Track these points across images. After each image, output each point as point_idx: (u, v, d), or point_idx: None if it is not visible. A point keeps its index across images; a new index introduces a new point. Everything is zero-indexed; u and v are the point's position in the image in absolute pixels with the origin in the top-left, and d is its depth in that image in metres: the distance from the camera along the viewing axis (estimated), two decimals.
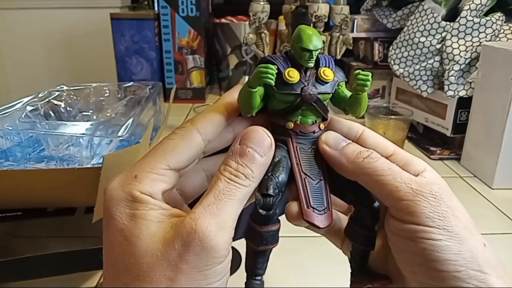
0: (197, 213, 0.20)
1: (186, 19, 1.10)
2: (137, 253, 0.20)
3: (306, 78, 0.24)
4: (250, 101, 0.24)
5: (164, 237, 0.20)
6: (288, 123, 0.24)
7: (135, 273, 0.20)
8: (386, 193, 0.22)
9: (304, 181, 0.24)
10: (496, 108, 0.65)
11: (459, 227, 0.21)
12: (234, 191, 0.21)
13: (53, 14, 1.43)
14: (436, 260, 0.20)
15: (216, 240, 0.20)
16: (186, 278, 0.19)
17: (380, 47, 0.97)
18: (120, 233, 0.20)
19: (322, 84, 0.24)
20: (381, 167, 0.22)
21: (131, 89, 0.71)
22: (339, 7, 0.72)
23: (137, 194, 0.21)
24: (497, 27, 0.76)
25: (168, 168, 0.22)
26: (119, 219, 0.21)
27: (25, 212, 0.41)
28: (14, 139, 0.51)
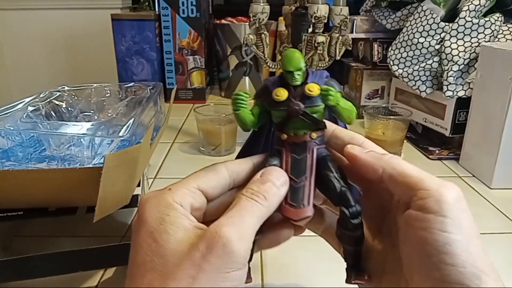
0: (221, 221, 0.23)
1: (186, 20, 1.10)
2: (165, 254, 0.22)
3: (295, 94, 0.27)
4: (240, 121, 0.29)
5: (189, 242, 0.22)
6: (283, 135, 0.28)
7: (160, 271, 0.21)
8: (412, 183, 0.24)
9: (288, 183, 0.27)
10: (495, 108, 0.65)
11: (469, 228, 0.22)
12: (254, 207, 0.24)
13: (54, 15, 1.43)
14: (446, 253, 0.21)
15: (237, 246, 0.22)
16: (207, 278, 0.21)
17: (379, 47, 0.97)
18: (150, 236, 0.23)
19: (309, 98, 0.27)
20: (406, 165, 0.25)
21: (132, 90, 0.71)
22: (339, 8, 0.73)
23: (170, 201, 0.24)
24: (496, 27, 0.76)
25: (197, 188, 0.26)
26: (150, 223, 0.23)
27: (26, 212, 0.41)
28: (15, 139, 0.51)
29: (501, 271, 0.23)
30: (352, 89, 1.06)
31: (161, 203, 0.24)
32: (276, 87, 0.28)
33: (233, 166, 0.28)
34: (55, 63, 1.49)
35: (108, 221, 0.39)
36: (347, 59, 1.09)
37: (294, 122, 0.28)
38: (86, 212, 0.41)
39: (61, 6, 1.42)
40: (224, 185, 0.27)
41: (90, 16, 1.42)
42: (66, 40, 1.47)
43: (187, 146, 0.83)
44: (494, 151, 0.65)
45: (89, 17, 1.42)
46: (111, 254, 0.39)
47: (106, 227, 0.50)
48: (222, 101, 1.20)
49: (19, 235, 0.52)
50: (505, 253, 0.50)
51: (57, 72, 1.49)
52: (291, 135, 0.28)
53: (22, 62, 1.48)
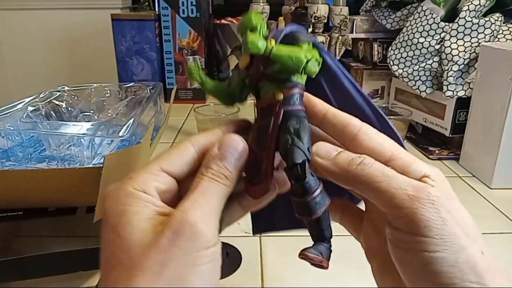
0: (186, 206, 0.22)
1: (186, 20, 1.10)
2: (129, 246, 0.21)
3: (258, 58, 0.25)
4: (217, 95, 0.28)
5: (154, 230, 0.21)
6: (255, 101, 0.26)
7: (126, 264, 0.21)
8: (383, 201, 0.22)
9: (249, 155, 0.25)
10: (495, 108, 0.65)
11: (458, 234, 0.20)
12: (217, 188, 0.23)
13: (54, 15, 1.43)
14: (432, 273, 0.20)
15: (204, 226, 0.21)
16: (176, 263, 0.20)
17: (379, 47, 0.97)
18: (112, 230, 0.22)
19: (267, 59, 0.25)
20: (375, 173, 0.22)
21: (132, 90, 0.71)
22: (339, 8, 0.73)
23: (131, 190, 0.23)
24: (496, 27, 0.76)
25: (160, 170, 0.24)
26: (111, 216, 0.22)
27: (26, 212, 0.41)
28: (15, 139, 0.51)
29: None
30: None
31: (121, 194, 0.23)
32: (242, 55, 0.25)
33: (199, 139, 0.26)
34: (55, 63, 1.49)
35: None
36: (347, 59, 1.09)
37: (263, 86, 0.25)
38: (86, 212, 0.41)
39: (61, 6, 1.42)
40: (191, 161, 0.25)
41: (90, 16, 1.42)
42: (66, 40, 1.47)
43: None
44: (494, 151, 0.65)
45: (89, 17, 1.42)
46: None
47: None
48: None
49: (19, 235, 0.52)
50: (505, 253, 0.50)
51: (57, 72, 1.49)
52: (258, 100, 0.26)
53: (22, 62, 1.48)
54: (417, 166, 0.23)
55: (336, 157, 0.23)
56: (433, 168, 0.23)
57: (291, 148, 0.23)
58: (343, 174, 0.23)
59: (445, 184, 0.22)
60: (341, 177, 0.23)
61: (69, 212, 0.41)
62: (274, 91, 0.25)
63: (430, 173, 0.22)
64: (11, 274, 0.38)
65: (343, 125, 0.24)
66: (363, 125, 0.24)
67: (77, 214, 0.41)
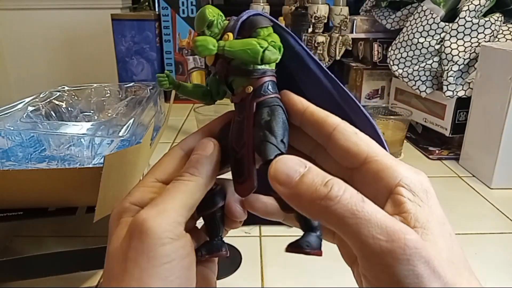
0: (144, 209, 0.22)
1: (186, 20, 1.10)
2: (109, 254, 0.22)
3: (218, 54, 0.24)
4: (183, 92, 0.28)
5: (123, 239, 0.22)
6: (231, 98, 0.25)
7: (106, 271, 0.22)
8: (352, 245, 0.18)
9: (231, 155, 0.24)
10: (495, 108, 0.65)
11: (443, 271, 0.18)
12: (178, 186, 0.23)
13: (54, 15, 1.43)
14: None
15: (154, 222, 0.21)
16: (132, 263, 0.20)
17: (379, 47, 0.97)
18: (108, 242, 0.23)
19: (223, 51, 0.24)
20: (342, 212, 0.18)
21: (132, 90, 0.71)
22: (339, 8, 0.73)
23: (126, 205, 0.23)
24: (496, 27, 0.76)
25: (155, 181, 0.25)
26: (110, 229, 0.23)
27: (26, 212, 0.41)
28: (15, 139, 0.51)
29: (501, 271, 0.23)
30: (352, 89, 1.07)
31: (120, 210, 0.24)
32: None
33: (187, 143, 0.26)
34: (55, 63, 1.49)
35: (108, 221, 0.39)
36: (347, 59, 1.09)
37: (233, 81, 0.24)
38: (86, 212, 0.41)
39: (61, 6, 1.42)
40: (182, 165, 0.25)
41: (90, 16, 1.42)
42: (66, 40, 1.47)
43: None
44: (494, 151, 0.65)
45: (89, 17, 1.42)
46: None
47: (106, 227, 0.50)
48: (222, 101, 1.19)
49: (19, 235, 0.52)
50: (505, 253, 0.50)
51: (57, 72, 1.49)
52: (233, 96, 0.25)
53: (22, 62, 1.48)
54: (393, 171, 0.20)
55: (298, 184, 0.19)
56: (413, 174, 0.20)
57: (263, 144, 0.22)
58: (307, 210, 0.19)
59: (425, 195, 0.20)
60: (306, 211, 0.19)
61: (69, 212, 0.41)
62: (243, 84, 0.24)
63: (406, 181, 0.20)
64: (11, 274, 0.38)
65: (320, 123, 0.23)
66: (340, 123, 0.22)
67: (77, 214, 0.41)
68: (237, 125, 0.24)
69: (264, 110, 0.23)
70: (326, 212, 0.18)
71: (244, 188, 0.23)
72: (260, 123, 0.22)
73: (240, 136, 0.23)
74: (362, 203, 0.18)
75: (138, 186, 0.25)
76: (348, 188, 0.18)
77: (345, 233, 0.18)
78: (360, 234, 0.17)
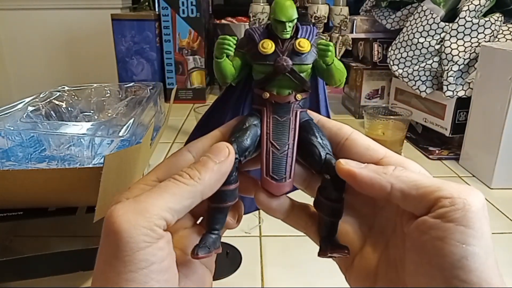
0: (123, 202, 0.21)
1: (186, 20, 1.10)
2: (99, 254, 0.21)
3: (282, 49, 0.24)
4: (220, 71, 0.25)
5: None
6: (264, 93, 0.25)
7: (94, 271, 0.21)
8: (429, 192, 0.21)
9: (268, 150, 0.25)
10: (495, 108, 0.65)
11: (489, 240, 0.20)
12: (169, 186, 0.21)
13: (54, 15, 1.43)
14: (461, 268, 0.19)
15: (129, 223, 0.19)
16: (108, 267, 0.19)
17: (379, 47, 0.97)
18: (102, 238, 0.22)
19: (298, 55, 0.24)
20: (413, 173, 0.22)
21: (132, 90, 0.71)
22: (339, 8, 0.73)
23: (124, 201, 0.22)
24: (496, 27, 0.76)
25: (157, 180, 0.23)
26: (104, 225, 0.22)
27: (26, 212, 0.41)
28: (15, 139, 0.51)
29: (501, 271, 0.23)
30: (352, 89, 1.07)
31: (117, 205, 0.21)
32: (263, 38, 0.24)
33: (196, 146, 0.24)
34: (55, 63, 1.49)
35: None
36: (347, 59, 1.09)
37: (280, 80, 0.25)
38: (86, 212, 0.41)
39: (61, 6, 1.42)
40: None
41: (90, 16, 1.42)
42: (66, 40, 1.47)
43: None
44: (494, 151, 0.65)
45: (89, 17, 1.42)
46: None
47: None
48: None
49: (19, 235, 0.52)
50: (505, 253, 0.50)
51: (57, 72, 1.49)
52: (274, 94, 0.25)
53: (22, 62, 1.48)
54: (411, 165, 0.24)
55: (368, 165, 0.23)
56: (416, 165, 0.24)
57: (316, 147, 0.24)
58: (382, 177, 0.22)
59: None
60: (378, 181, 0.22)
61: (69, 212, 0.41)
62: (292, 90, 0.25)
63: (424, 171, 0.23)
64: (10, 274, 0.38)
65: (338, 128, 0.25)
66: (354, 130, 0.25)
67: (77, 214, 0.41)
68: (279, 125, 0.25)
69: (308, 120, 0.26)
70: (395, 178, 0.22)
71: (280, 187, 0.24)
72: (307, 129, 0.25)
73: (283, 135, 0.25)
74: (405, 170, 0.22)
75: (138, 182, 0.23)
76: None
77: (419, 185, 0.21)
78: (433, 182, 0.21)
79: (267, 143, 0.25)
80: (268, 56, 0.24)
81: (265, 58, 0.24)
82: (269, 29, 0.25)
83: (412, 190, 0.21)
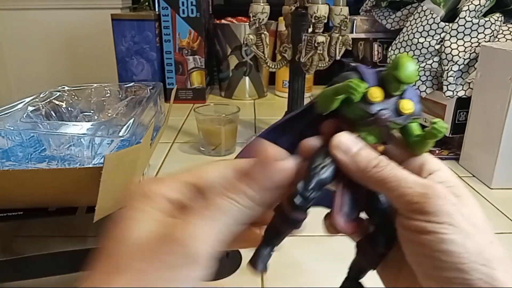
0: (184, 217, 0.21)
1: (186, 20, 1.10)
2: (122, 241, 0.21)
3: (387, 102, 0.24)
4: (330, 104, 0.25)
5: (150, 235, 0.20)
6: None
7: (113, 260, 0.20)
8: (394, 198, 0.23)
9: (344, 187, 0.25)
10: (495, 108, 0.65)
11: (465, 224, 0.21)
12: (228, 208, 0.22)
13: (54, 15, 1.43)
14: (441, 251, 0.21)
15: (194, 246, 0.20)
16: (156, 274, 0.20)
17: (379, 47, 0.97)
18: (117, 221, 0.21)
19: (399, 114, 0.24)
20: (386, 175, 0.23)
21: (132, 90, 0.71)
22: (339, 8, 0.73)
23: (149, 189, 0.22)
24: (496, 27, 0.76)
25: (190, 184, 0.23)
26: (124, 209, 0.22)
27: (26, 212, 0.41)
28: (15, 139, 0.51)
29: None
30: None
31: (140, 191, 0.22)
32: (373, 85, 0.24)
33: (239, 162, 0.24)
34: (55, 63, 1.49)
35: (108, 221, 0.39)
36: (347, 59, 1.09)
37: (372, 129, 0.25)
38: (86, 212, 0.41)
39: (61, 6, 1.42)
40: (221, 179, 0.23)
41: (90, 16, 1.42)
42: (66, 40, 1.47)
43: (187, 146, 0.83)
44: (494, 151, 0.65)
45: (89, 17, 1.42)
46: None
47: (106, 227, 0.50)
48: (222, 101, 1.20)
49: (19, 235, 0.52)
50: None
51: (57, 72, 1.49)
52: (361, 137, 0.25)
53: (22, 62, 1.48)
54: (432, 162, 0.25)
55: (356, 155, 0.24)
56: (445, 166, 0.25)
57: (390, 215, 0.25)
58: (359, 174, 0.24)
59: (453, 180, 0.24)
60: (356, 176, 0.24)
61: (69, 212, 0.41)
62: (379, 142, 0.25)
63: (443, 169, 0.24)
64: (11, 274, 0.38)
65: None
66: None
67: (77, 214, 0.41)
68: None
69: None
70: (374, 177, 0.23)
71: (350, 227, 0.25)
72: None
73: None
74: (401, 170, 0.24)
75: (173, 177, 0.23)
76: (391, 163, 0.24)
77: (388, 190, 0.23)
78: (400, 187, 0.23)
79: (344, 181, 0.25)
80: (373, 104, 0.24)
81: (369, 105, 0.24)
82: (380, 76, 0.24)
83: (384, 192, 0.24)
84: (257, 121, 0.97)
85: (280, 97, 1.22)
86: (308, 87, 1.11)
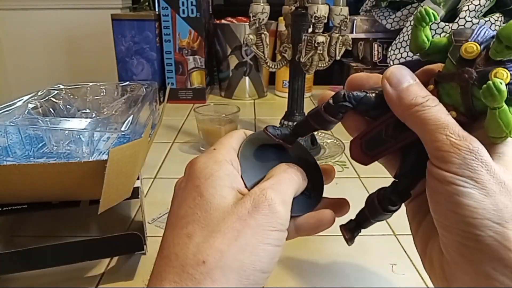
0: (265, 185, 0.24)
1: (186, 20, 1.11)
2: (209, 208, 0.23)
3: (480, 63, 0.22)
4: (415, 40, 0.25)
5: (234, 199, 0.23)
6: (430, 86, 0.25)
7: (203, 223, 0.22)
8: (427, 142, 0.23)
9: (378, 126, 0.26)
10: None
11: (491, 182, 0.21)
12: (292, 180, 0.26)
13: (54, 15, 1.44)
14: (456, 203, 0.21)
15: (280, 208, 0.23)
16: (251, 233, 0.22)
17: (379, 47, 0.97)
18: (195, 189, 0.24)
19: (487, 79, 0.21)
20: (428, 117, 0.23)
21: (128, 89, 0.71)
22: (339, 8, 0.72)
23: (220, 158, 0.25)
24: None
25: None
26: (197, 178, 0.24)
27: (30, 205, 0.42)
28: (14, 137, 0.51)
29: None
30: None
31: (211, 160, 0.25)
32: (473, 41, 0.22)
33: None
34: (55, 63, 1.49)
35: (111, 214, 0.40)
36: (347, 59, 1.09)
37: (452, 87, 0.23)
38: (89, 204, 0.41)
39: (61, 6, 1.42)
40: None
41: (90, 16, 1.42)
42: (66, 40, 1.47)
43: (187, 146, 0.83)
44: None
45: (89, 17, 1.42)
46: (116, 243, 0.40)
47: (110, 218, 0.50)
48: (222, 101, 1.20)
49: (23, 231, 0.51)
50: None
51: (57, 72, 1.49)
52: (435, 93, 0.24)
53: (22, 62, 1.48)
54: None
55: (404, 90, 0.24)
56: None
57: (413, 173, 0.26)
58: (401, 109, 0.24)
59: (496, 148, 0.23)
60: (398, 110, 0.24)
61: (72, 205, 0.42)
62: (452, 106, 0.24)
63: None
64: (18, 265, 0.39)
65: None
66: None
67: (80, 206, 0.41)
68: None
69: None
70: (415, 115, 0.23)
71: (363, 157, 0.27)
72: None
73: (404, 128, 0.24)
74: (446, 115, 0.23)
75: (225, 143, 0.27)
76: (439, 104, 0.23)
77: (424, 132, 0.23)
78: (435, 132, 0.22)
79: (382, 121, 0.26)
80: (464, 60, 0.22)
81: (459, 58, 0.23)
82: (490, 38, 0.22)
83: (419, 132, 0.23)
84: (257, 121, 0.97)
85: (280, 97, 1.22)
86: (308, 87, 1.11)
